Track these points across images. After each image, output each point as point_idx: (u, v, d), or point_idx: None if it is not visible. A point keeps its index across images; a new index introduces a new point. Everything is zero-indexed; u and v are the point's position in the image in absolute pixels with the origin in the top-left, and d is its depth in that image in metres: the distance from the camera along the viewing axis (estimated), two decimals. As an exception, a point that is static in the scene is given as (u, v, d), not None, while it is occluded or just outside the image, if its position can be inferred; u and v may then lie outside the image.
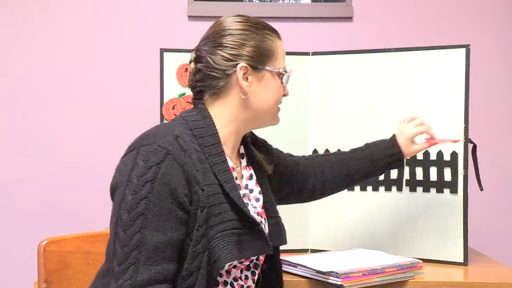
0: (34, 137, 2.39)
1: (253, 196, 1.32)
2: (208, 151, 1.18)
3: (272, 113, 1.31)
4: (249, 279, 1.26)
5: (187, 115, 1.24)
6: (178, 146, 1.12)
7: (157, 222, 1.07)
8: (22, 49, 2.46)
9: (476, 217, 2.35)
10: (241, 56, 1.23)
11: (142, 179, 1.08)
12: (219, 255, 1.12)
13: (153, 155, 1.10)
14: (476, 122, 2.21)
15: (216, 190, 1.16)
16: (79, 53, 2.48)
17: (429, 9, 2.44)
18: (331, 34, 2.44)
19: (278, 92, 1.29)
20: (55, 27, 2.45)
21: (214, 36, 1.26)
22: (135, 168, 1.10)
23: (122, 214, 1.08)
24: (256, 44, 1.25)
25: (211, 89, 1.25)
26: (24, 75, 2.45)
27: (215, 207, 1.15)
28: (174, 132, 1.16)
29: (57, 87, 2.43)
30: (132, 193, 1.08)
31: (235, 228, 1.16)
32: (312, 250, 1.91)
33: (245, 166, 1.34)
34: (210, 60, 1.23)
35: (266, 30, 1.28)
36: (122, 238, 1.07)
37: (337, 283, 1.45)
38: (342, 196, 1.88)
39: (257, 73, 1.25)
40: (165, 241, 1.08)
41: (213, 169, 1.17)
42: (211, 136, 1.20)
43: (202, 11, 2.42)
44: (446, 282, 1.55)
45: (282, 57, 1.30)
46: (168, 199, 1.08)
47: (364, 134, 1.87)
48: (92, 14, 2.46)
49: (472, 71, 1.76)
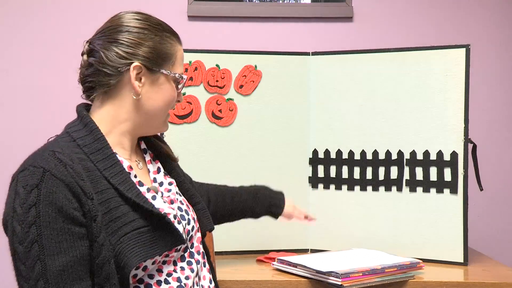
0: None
1: (164, 188, 1.27)
2: (96, 158, 1.13)
3: (161, 118, 1.25)
4: (185, 269, 1.21)
5: (70, 126, 1.19)
6: (56, 161, 1.06)
7: (53, 245, 1.01)
8: (22, 49, 2.46)
9: (476, 217, 2.35)
10: (136, 56, 1.18)
11: (25, 205, 1.02)
12: (125, 260, 1.07)
13: (30, 178, 1.04)
14: (476, 122, 2.21)
15: (111, 194, 1.11)
16: (79, 53, 2.48)
17: (429, 9, 2.44)
18: (331, 34, 2.44)
19: (171, 96, 1.23)
20: (55, 27, 2.45)
21: (111, 30, 1.20)
22: (16, 197, 1.04)
23: (16, 247, 1.02)
24: (154, 45, 1.20)
25: (102, 87, 1.19)
26: (26, 76, 2.45)
27: (113, 212, 1.10)
28: (52, 148, 1.10)
29: (57, 88, 2.43)
30: (20, 223, 1.02)
31: (140, 227, 1.11)
32: (312, 250, 1.91)
33: (150, 160, 1.30)
34: (103, 55, 1.17)
35: (166, 33, 1.23)
36: (24, 272, 1.01)
37: (337, 283, 1.45)
38: (342, 196, 1.89)
39: (152, 75, 1.20)
40: (68, 261, 1.02)
41: (104, 174, 1.12)
42: (96, 142, 1.15)
43: (202, 11, 2.42)
44: (446, 282, 1.55)
45: (180, 62, 1.25)
46: (57, 218, 1.02)
47: (364, 134, 1.87)
48: (92, 14, 2.45)
49: (472, 71, 1.76)
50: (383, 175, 1.84)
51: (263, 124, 1.91)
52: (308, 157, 1.93)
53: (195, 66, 1.88)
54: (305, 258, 1.65)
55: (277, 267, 1.65)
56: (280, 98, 1.92)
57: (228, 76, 1.90)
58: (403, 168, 1.82)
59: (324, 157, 1.91)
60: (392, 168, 1.83)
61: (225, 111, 1.89)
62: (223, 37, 2.42)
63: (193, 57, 1.88)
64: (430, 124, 1.79)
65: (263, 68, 1.91)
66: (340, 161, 1.89)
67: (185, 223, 1.24)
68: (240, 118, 1.90)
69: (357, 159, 1.88)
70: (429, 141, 1.79)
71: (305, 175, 1.92)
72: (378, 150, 1.85)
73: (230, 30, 2.43)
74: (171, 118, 1.85)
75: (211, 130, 1.89)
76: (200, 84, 1.89)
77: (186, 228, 1.24)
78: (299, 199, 1.91)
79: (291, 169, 1.91)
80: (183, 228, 1.23)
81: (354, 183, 1.88)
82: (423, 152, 1.80)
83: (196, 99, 1.88)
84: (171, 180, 1.31)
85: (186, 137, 1.87)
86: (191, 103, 1.88)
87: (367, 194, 1.86)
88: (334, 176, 1.90)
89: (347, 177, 1.89)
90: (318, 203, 1.91)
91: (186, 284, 1.19)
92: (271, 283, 1.55)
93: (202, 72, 1.89)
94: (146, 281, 1.15)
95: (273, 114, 1.91)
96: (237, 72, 1.90)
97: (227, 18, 2.43)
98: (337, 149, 1.90)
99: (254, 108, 1.90)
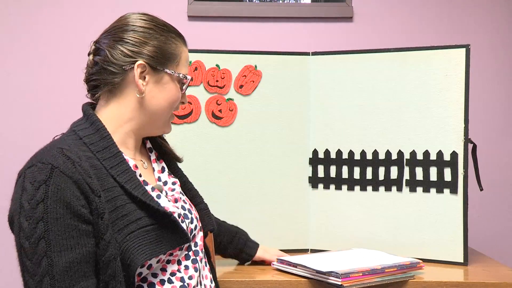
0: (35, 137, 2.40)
1: (168, 187, 1.28)
2: (102, 156, 1.14)
3: (165, 118, 1.26)
4: (190, 268, 1.22)
5: (76, 125, 1.19)
6: (64, 158, 1.06)
7: (60, 242, 1.02)
8: (22, 49, 2.46)
9: (476, 217, 2.35)
10: (141, 54, 1.19)
11: (33, 201, 1.02)
12: (132, 258, 1.08)
13: (38, 174, 1.04)
14: (476, 122, 2.21)
15: (118, 192, 1.12)
16: (78, 53, 2.48)
17: (429, 9, 2.44)
18: (331, 34, 2.44)
19: (174, 96, 1.24)
20: (55, 27, 2.45)
21: (116, 30, 1.22)
22: (24, 193, 1.04)
23: (23, 243, 1.02)
24: (158, 44, 1.21)
25: (106, 85, 1.20)
26: (26, 77, 2.45)
27: (119, 209, 1.10)
28: (59, 145, 1.10)
29: (57, 87, 2.43)
30: (27, 219, 1.02)
31: (147, 225, 1.12)
32: (312, 250, 1.92)
33: (155, 159, 1.32)
34: (109, 53, 1.19)
35: (171, 33, 1.24)
36: (30, 268, 1.01)
37: (337, 283, 1.45)
38: (342, 196, 1.89)
39: (156, 74, 1.21)
40: (75, 258, 1.02)
41: (110, 173, 1.13)
42: (102, 140, 1.16)
43: (202, 11, 2.42)
44: (446, 282, 1.55)
45: (184, 63, 1.26)
46: (65, 215, 1.03)
47: (364, 134, 1.87)
48: (92, 14, 2.45)
49: (472, 71, 1.76)
50: (383, 175, 1.84)
51: (263, 124, 1.91)
52: (308, 157, 1.93)
53: (195, 66, 1.88)
54: (305, 258, 1.65)
55: (277, 267, 1.65)
56: (280, 98, 1.92)
57: (228, 76, 1.90)
58: (403, 168, 1.82)
59: (324, 157, 1.91)
60: (392, 168, 1.84)
61: (225, 111, 1.89)
62: (223, 37, 2.42)
63: (193, 57, 1.88)
64: (430, 124, 1.79)
65: (263, 68, 1.91)
66: (340, 161, 1.89)
67: (188, 222, 1.25)
68: (240, 118, 1.90)
69: (357, 159, 1.88)
70: (429, 141, 1.79)
71: (305, 175, 1.92)
72: (378, 150, 1.85)
73: (230, 30, 2.43)
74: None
75: (211, 130, 1.89)
76: (200, 84, 1.89)
77: (189, 227, 1.25)
78: (299, 199, 1.92)
79: (291, 169, 1.91)
80: (187, 226, 1.24)
81: (354, 183, 1.88)
82: (423, 152, 1.80)
83: (196, 99, 1.88)
84: (174, 180, 1.32)
85: (186, 137, 1.87)
86: (191, 103, 1.88)
87: (367, 194, 1.86)
88: (334, 176, 1.90)
89: (347, 177, 1.89)
90: (318, 203, 1.91)
91: (189, 284, 1.20)
92: (271, 283, 1.55)
93: (202, 72, 1.89)
94: (150, 279, 1.15)
95: (273, 114, 1.91)
96: (237, 72, 1.90)
97: (227, 18, 2.43)
98: (337, 149, 1.90)
99: (254, 108, 1.90)
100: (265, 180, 1.90)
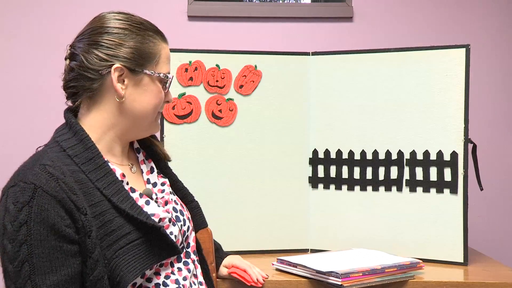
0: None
1: (157, 189, 1.25)
2: (87, 168, 1.10)
3: (150, 120, 1.20)
4: (183, 270, 1.21)
5: (59, 134, 1.15)
6: (47, 175, 1.02)
7: (45, 264, 0.99)
8: (22, 49, 2.45)
9: (476, 217, 2.35)
10: (117, 57, 1.14)
11: (16, 223, 0.99)
12: (121, 275, 1.05)
13: (21, 195, 1.00)
14: (476, 122, 2.21)
15: (105, 206, 1.08)
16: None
17: (429, 9, 2.44)
18: (331, 34, 2.44)
19: (157, 97, 1.18)
20: (54, 26, 2.44)
21: (91, 33, 1.17)
22: (6, 214, 1.01)
23: (7, 266, 1.00)
24: (135, 45, 1.15)
25: (85, 92, 1.15)
26: (24, 77, 2.45)
27: (108, 225, 1.07)
28: (42, 161, 1.06)
29: (56, 87, 2.43)
30: (10, 241, 0.99)
31: (136, 239, 1.08)
32: (312, 250, 1.91)
33: (143, 160, 1.28)
34: (84, 59, 1.14)
35: (149, 31, 1.19)
36: None
37: (337, 283, 1.45)
38: (342, 196, 1.89)
39: (135, 76, 1.15)
40: (60, 280, 1.00)
41: (97, 186, 1.09)
42: (87, 151, 1.11)
43: (202, 11, 2.42)
44: (446, 282, 1.55)
45: (165, 61, 1.20)
46: (49, 236, 1.00)
47: (364, 134, 1.87)
48: (91, 14, 2.45)
49: (472, 71, 1.76)
50: (383, 175, 1.84)
51: (263, 124, 1.91)
52: (308, 157, 1.93)
53: (195, 66, 1.88)
54: (305, 258, 1.65)
55: (277, 267, 1.65)
56: (280, 98, 1.92)
57: (228, 76, 1.90)
58: (403, 168, 1.82)
59: (324, 157, 1.91)
60: (392, 168, 1.83)
61: (225, 111, 1.89)
62: (223, 37, 2.42)
63: (193, 57, 1.88)
64: (430, 124, 1.79)
65: (263, 68, 1.91)
66: (340, 161, 1.89)
67: (180, 224, 1.23)
68: (240, 118, 1.90)
69: (357, 159, 1.88)
70: (429, 141, 1.79)
71: (305, 175, 1.92)
72: (378, 150, 1.85)
73: (230, 30, 2.43)
74: (171, 118, 1.85)
75: (211, 130, 1.89)
76: (200, 84, 1.89)
77: (182, 229, 1.23)
78: (299, 199, 1.91)
79: (291, 169, 1.91)
80: (179, 229, 1.21)
81: (354, 183, 1.88)
82: (423, 152, 1.80)
83: (196, 99, 1.88)
84: (164, 180, 1.28)
85: (186, 137, 1.87)
86: (191, 103, 1.88)
87: (367, 194, 1.86)
88: (334, 176, 1.90)
89: (347, 177, 1.89)
90: (318, 203, 1.91)
91: (184, 285, 1.19)
92: (271, 283, 1.55)
93: (202, 72, 1.88)
94: (145, 285, 1.13)
95: (273, 114, 1.91)
96: (237, 72, 1.90)
97: (227, 18, 2.43)
98: (337, 149, 1.90)
99: (254, 108, 1.90)
100: (265, 180, 1.90)
